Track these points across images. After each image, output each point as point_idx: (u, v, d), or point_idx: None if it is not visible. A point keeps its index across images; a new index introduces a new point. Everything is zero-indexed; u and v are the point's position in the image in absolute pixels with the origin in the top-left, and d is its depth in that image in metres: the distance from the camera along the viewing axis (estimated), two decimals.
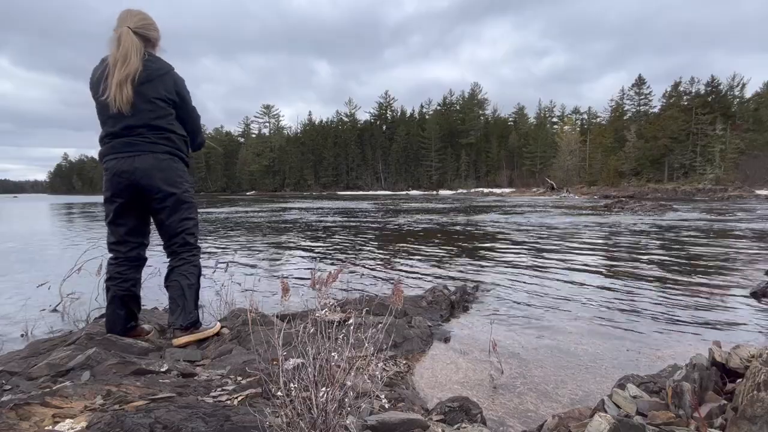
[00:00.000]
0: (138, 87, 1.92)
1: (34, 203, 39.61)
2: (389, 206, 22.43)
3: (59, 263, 5.17)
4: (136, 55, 1.92)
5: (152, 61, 1.98)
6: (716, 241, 6.96)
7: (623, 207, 16.03)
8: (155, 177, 1.98)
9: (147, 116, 1.95)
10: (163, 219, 2.07)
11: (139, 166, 1.95)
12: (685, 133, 47.32)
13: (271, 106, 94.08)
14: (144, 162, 1.96)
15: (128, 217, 2.06)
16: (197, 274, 2.17)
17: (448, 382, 2.00)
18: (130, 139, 1.96)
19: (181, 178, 2.09)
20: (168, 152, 2.04)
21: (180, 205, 2.08)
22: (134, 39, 1.94)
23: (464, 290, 3.54)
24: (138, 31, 1.97)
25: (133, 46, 1.92)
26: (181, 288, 2.08)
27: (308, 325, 1.11)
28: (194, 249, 2.17)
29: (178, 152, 2.09)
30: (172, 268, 2.12)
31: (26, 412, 1.08)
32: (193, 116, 2.18)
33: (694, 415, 1.20)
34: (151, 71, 1.95)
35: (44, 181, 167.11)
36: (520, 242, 7.22)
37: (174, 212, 2.07)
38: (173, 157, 2.06)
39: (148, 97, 1.94)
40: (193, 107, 2.17)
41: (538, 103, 77.61)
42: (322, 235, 8.94)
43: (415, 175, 76.63)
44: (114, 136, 1.97)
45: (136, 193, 2.00)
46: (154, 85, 1.95)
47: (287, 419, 0.97)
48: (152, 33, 2.04)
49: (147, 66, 1.95)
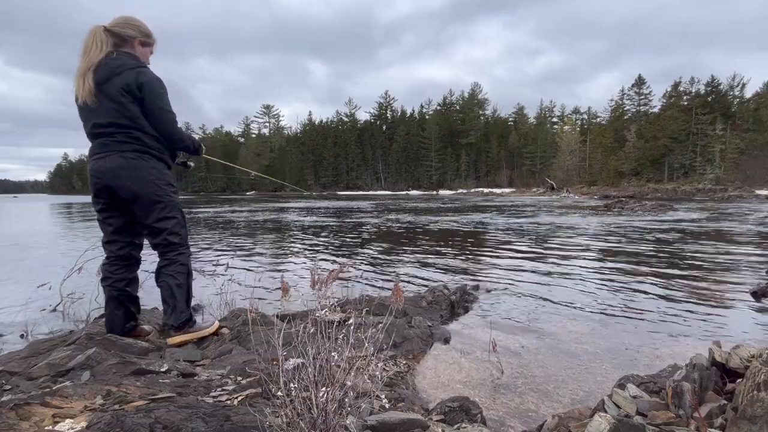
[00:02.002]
0: (101, 85, 1.92)
1: (34, 203, 39.59)
2: (389, 206, 22.43)
3: (59, 263, 5.17)
4: (96, 48, 1.93)
5: (118, 58, 1.96)
6: (716, 241, 6.96)
7: (623, 207, 16.03)
8: (122, 177, 1.96)
9: (112, 114, 1.94)
10: (141, 220, 2.07)
11: (109, 166, 1.95)
12: (685, 133, 47.32)
13: (270, 106, 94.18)
14: (112, 162, 1.95)
15: (114, 217, 2.06)
16: (185, 272, 2.13)
17: (448, 382, 2.00)
18: (103, 140, 1.97)
19: (152, 176, 2.02)
20: (136, 151, 1.99)
21: (153, 205, 2.03)
22: (101, 35, 1.95)
23: (464, 290, 3.54)
24: (112, 29, 1.98)
25: (96, 41, 1.94)
26: (170, 288, 2.08)
27: (308, 325, 1.11)
28: (180, 248, 2.12)
29: (149, 150, 2.02)
30: (159, 269, 2.11)
31: (26, 412, 1.08)
32: (162, 117, 2.02)
33: (694, 415, 1.20)
34: (111, 69, 1.93)
35: (44, 181, 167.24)
36: (520, 242, 7.22)
37: (149, 212, 2.04)
38: (143, 156, 2.00)
39: (110, 95, 1.93)
40: (163, 108, 2.02)
41: (539, 103, 77.64)
42: (322, 235, 8.94)
43: (415, 175, 76.59)
44: (92, 136, 1.99)
45: (112, 194, 2.00)
46: (113, 83, 1.93)
47: (287, 419, 0.97)
48: (127, 31, 2.02)
49: (108, 63, 1.94)
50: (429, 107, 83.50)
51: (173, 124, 2.08)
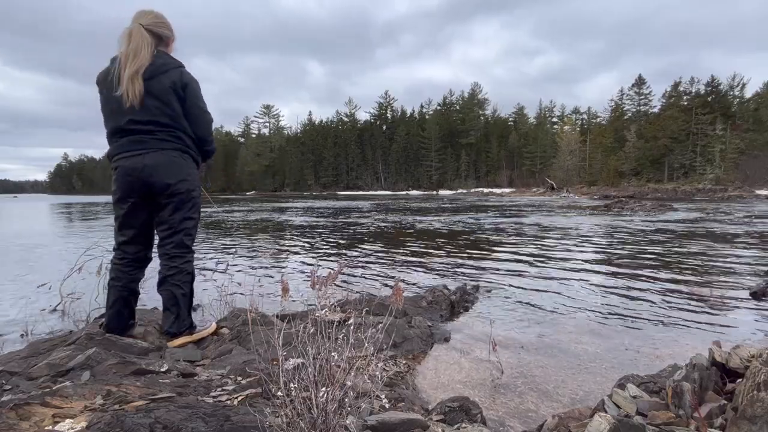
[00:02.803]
0: (145, 83, 1.91)
1: (34, 203, 39.61)
2: (389, 206, 22.43)
3: (59, 263, 5.17)
4: (146, 49, 1.92)
5: (160, 57, 1.98)
6: (716, 241, 6.95)
7: (623, 207, 16.02)
8: (164, 173, 1.97)
9: (154, 113, 1.94)
10: (165, 215, 2.05)
11: (149, 163, 1.94)
12: (685, 133, 47.34)
13: (270, 106, 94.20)
14: (153, 159, 1.95)
15: (139, 218, 2.05)
16: (190, 281, 2.14)
17: (448, 382, 2.00)
18: (140, 137, 1.95)
19: (190, 176, 2.08)
20: (178, 149, 2.02)
21: (185, 203, 2.07)
22: (145, 34, 1.94)
23: (464, 290, 3.54)
24: (150, 28, 1.97)
25: (144, 41, 1.92)
26: (174, 297, 2.07)
27: (308, 325, 1.11)
28: (188, 254, 2.14)
29: (188, 150, 2.07)
30: (164, 277, 2.09)
31: (26, 412, 1.08)
32: (202, 117, 2.11)
33: (694, 415, 1.20)
34: (156, 67, 1.94)
35: (44, 181, 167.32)
36: (520, 242, 7.22)
37: (178, 209, 2.06)
38: (183, 155, 2.05)
39: (154, 94, 1.93)
40: (203, 109, 2.11)
41: (539, 104, 77.69)
42: (323, 235, 8.94)
43: (415, 175, 76.60)
44: (123, 133, 1.96)
45: (146, 191, 1.99)
46: (160, 81, 1.94)
47: (287, 419, 0.97)
48: (164, 31, 2.03)
49: (154, 62, 1.94)
50: (429, 107, 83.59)
51: (210, 125, 2.16)
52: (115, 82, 1.91)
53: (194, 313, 2.97)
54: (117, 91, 1.90)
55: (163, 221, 2.07)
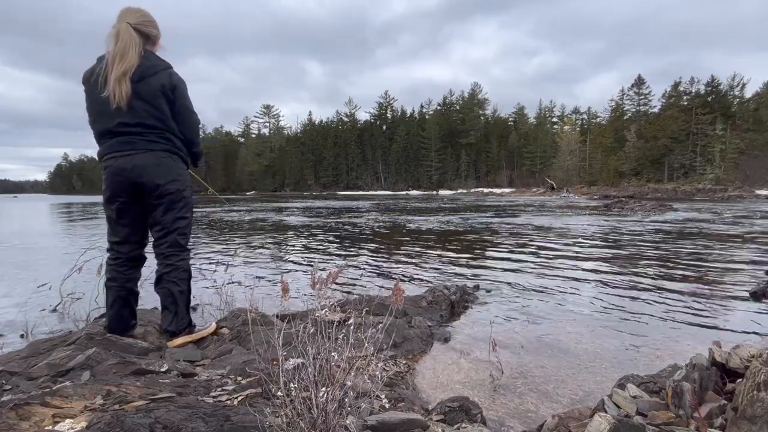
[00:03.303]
0: (133, 85, 1.90)
1: (34, 203, 39.60)
2: (389, 206, 22.43)
3: (59, 263, 5.17)
4: (134, 50, 1.91)
5: (147, 58, 1.97)
6: (716, 241, 6.95)
7: (623, 207, 16.03)
8: (154, 173, 1.97)
9: (142, 115, 1.94)
10: (158, 216, 2.06)
11: (138, 163, 1.94)
12: (685, 133, 47.34)
13: (270, 106, 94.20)
14: (143, 159, 1.95)
15: (130, 217, 2.05)
16: (187, 278, 2.15)
17: (448, 382, 2.00)
18: (129, 138, 1.95)
19: (180, 176, 2.08)
20: (167, 150, 2.03)
21: (176, 203, 2.07)
22: (133, 34, 1.93)
23: (464, 290, 3.53)
24: (138, 28, 1.95)
25: (132, 41, 1.91)
26: (172, 295, 2.08)
27: (308, 325, 1.11)
28: (184, 252, 2.14)
29: (177, 151, 2.08)
30: (161, 275, 2.09)
31: (26, 412, 1.08)
32: (190, 119, 2.11)
33: (694, 415, 1.20)
34: (145, 69, 1.93)
35: (44, 181, 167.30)
36: (520, 242, 7.21)
37: (170, 209, 2.06)
38: (172, 156, 2.05)
39: (143, 96, 1.93)
40: (191, 110, 2.12)
41: (539, 104, 77.68)
42: (323, 234, 8.94)
43: (415, 175, 76.59)
44: (112, 134, 1.95)
45: (135, 191, 1.99)
46: (148, 83, 1.93)
47: (287, 419, 0.97)
48: (152, 30, 2.02)
49: (142, 63, 1.93)
50: (429, 107, 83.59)
51: (197, 126, 2.16)
52: (101, 82, 1.90)
53: (194, 312, 2.97)
54: (103, 92, 1.89)
55: (156, 222, 2.08)
